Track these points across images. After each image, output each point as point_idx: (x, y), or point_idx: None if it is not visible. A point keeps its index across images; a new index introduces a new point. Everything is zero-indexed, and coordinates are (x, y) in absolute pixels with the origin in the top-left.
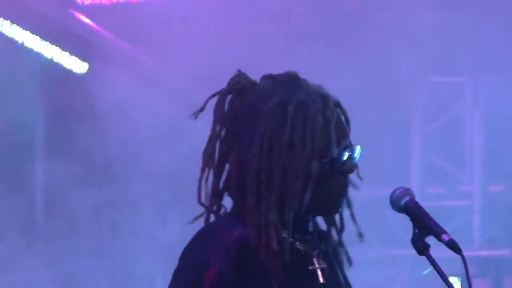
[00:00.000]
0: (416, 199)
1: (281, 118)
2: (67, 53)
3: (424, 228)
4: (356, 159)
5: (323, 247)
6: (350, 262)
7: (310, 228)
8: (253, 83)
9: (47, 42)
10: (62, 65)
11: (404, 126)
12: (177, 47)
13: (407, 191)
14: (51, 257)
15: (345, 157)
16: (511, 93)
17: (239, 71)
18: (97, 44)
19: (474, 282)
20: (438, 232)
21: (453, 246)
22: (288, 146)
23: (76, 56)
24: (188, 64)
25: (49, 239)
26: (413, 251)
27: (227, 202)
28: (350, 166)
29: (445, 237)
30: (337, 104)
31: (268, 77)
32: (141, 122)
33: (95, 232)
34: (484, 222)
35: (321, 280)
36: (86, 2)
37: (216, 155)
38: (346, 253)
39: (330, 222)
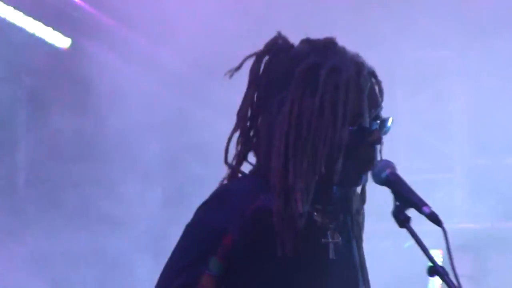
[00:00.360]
0: (398, 172)
1: (312, 81)
2: (50, 28)
3: (404, 200)
4: (387, 130)
5: (341, 219)
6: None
7: (334, 199)
8: (291, 46)
9: (30, 18)
10: (44, 40)
11: (389, 100)
12: (168, 25)
13: (388, 164)
14: (31, 234)
15: (374, 127)
16: (497, 66)
17: (279, 33)
18: (81, 19)
19: (456, 255)
20: (418, 205)
21: (434, 218)
22: (318, 111)
23: (59, 31)
24: (182, 44)
25: (30, 216)
26: (394, 224)
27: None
28: (379, 136)
29: (426, 209)
30: (372, 73)
31: (306, 41)
32: (128, 101)
33: (74, 208)
34: (466, 195)
35: (331, 255)
36: None
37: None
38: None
39: (351, 193)
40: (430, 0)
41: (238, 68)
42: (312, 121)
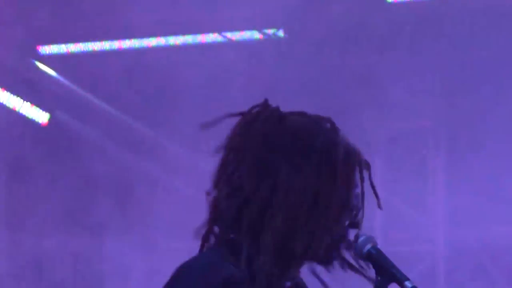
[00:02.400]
0: (379, 246)
1: (329, 163)
2: (28, 103)
3: (387, 275)
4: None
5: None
6: None
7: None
8: (283, 116)
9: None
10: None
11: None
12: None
13: (369, 239)
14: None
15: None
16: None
17: (266, 100)
18: (59, 94)
19: None
20: (401, 279)
21: None
22: (327, 189)
23: (37, 106)
24: None
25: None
26: None
27: None
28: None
29: (407, 284)
30: (367, 164)
31: (304, 115)
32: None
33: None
34: (449, 269)
35: None
36: (48, 52)
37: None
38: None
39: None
40: (407, 73)
41: (215, 124)
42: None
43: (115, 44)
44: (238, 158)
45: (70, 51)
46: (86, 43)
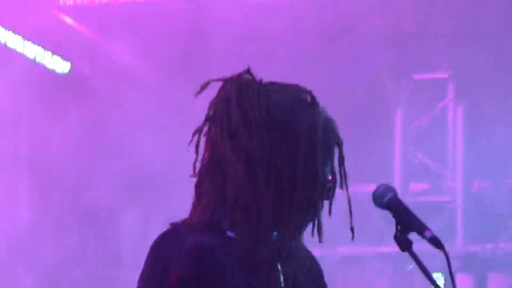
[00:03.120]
0: (399, 196)
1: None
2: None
3: (406, 224)
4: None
5: (283, 255)
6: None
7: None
8: (263, 86)
9: (29, 42)
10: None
11: (387, 123)
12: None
13: (389, 188)
14: None
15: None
16: (492, 90)
17: (248, 67)
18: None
19: (458, 278)
20: (420, 229)
21: (435, 242)
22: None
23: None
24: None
25: None
26: (396, 248)
27: None
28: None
29: (427, 233)
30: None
31: (282, 87)
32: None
33: None
34: (467, 218)
35: (283, 285)
36: (68, 3)
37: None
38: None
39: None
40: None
41: (202, 90)
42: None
43: None
44: (216, 130)
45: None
46: None
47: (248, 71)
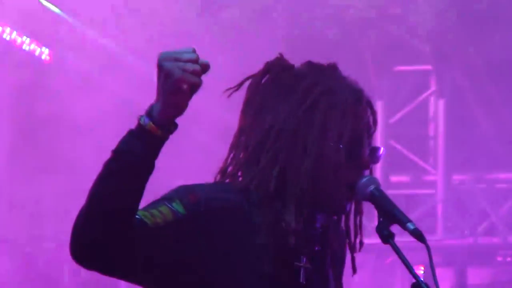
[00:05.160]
0: (381, 188)
1: (309, 99)
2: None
3: (388, 216)
4: (378, 160)
5: (316, 248)
6: (354, 270)
7: (318, 224)
8: (291, 66)
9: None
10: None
11: None
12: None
13: (372, 180)
14: None
15: (366, 153)
16: (474, 81)
17: (280, 54)
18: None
19: (438, 271)
20: (402, 221)
21: (417, 234)
22: (306, 128)
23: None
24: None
25: None
26: (378, 240)
27: None
28: (369, 164)
29: (409, 225)
30: (369, 103)
31: (308, 63)
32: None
33: None
34: (448, 211)
35: (302, 279)
36: None
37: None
38: (353, 259)
39: (332, 224)
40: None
41: (238, 87)
42: (309, 137)
43: None
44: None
45: None
46: None
47: (280, 57)
